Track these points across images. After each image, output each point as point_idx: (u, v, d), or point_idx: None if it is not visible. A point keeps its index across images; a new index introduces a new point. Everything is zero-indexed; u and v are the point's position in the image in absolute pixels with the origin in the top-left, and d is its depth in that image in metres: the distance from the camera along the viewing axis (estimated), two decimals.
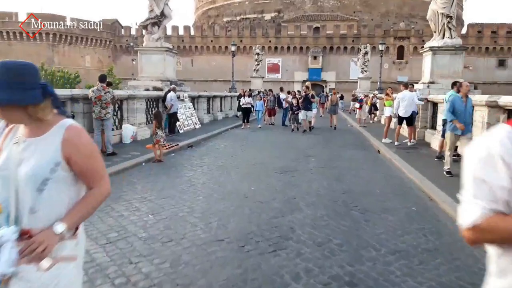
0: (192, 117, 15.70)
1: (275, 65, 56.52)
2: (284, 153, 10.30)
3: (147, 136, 12.45)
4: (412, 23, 58.60)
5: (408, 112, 11.75)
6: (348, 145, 12.18)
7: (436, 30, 13.54)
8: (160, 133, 8.97)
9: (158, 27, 15.00)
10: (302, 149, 11.04)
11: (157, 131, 8.87)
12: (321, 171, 7.93)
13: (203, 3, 74.99)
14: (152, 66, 14.96)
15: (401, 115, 11.77)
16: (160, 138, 8.89)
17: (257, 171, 7.81)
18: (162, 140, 9.07)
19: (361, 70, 38.36)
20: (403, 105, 11.62)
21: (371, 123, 20.19)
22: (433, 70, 13.48)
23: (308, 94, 15.29)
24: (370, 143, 12.99)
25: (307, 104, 15.21)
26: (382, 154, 10.78)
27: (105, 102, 8.42)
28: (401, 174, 7.98)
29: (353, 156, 10.11)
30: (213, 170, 7.89)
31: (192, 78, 58.61)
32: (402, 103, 11.66)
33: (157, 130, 8.88)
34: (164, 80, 14.83)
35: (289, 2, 64.00)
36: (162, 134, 9.12)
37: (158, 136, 8.89)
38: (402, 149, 11.05)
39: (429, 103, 12.96)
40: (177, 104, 13.55)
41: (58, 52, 57.51)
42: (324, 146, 11.66)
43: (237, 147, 11.49)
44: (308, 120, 15.59)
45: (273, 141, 12.81)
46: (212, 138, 13.85)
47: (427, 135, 12.79)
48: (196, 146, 11.96)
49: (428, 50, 13.48)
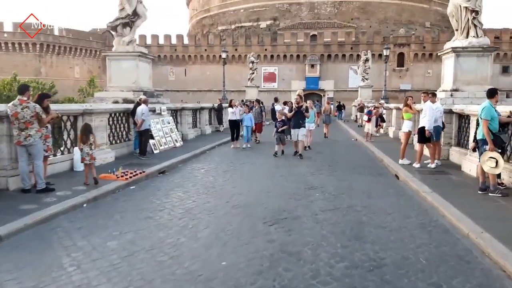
0: (171, 134, 13.38)
1: (271, 74, 54.50)
2: (279, 184, 7.96)
3: (110, 160, 10.12)
4: (411, 30, 56.89)
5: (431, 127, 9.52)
6: (358, 169, 9.86)
7: (458, 27, 11.37)
8: (87, 150, 7.54)
9: (130, 28, 12.77)
10: (302, 176, 8.70)
11: (82, 147, 7.59)
12: (330, 219, 5.54)
13: (197, 12, 73.40)
14: (123, 74, 12.69)
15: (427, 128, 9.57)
16: (86, 155, 7.53)
17: (238, 221, 5.41)
18: (88, 158, 7.54)
19: (362, 78, 36.23)
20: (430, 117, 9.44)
21: (377, 136, 17.92)
22: (456, 75, 11.26)
23: (301, 106, 11.49)
24: (383, 165, 10.68)
25: (299, 119, 11.43)
26: (403, 181, 8.46)
27: (24, 121, 6.08)
28: (442, 220, 5.65)
29: (368, 186, 7.77)
30: (174, 220, 5.50)
31: (185, 88, 56.54)
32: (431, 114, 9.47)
33: (83, 146, 7.57)
34: (137, 91, 12.55)
35: (285, 9, 62.39)
36: (89, 151, 7.54)
37: (84, 154, 7.55)
38: (427, 174, 8.75)
39: (453, 115, 10.71)
40: (150, 119, 11.25)
41: (46, 63, 55.34)
42: (329, 172, 9.30)
43: (219, 174, 9.14)
44: (300, 140, 11.60)
45: (265, 165, 10.40)
46: (193, 159, 11.52)
47: (453, 154, 10.50)
48: (171, 171, 9.64)
49: (450, 52, 11.28)
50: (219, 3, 68.14)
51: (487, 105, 6.77)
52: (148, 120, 10.87)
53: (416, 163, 9.69)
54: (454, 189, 7.32)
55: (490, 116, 6.65)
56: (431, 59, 51.35)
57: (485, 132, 6.67)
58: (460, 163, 9.66)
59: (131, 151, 11.54)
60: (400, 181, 8.62)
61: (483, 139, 6.81)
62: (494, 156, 6.52)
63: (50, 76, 54.62)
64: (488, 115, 6.64)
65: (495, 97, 6.82)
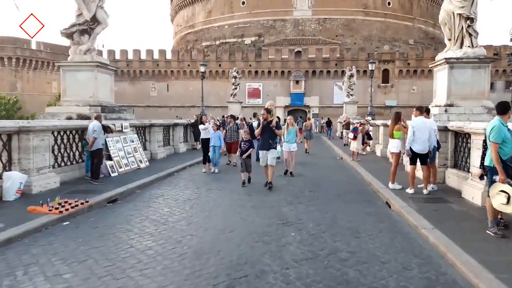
0: (135, 154, 11.88)
1: (255, 90, 53.61)
2: (247, 218, 6.50)
3: (54, 185, 8.56)
4: (395, 47, 57.04)
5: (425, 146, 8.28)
6: (343, 195, 8.50)
7: (451, 37, 10.33)
8: None
9: (88, 36, 11.37)
10: (276, 207, 7.27)
11: None
12: (306, 275, 4.08)
13: (182, 27, 72.71)
14: (79, 86, 11.21)
15: (416, 150, 8.27)
16: None
17: (179, 284, 3.97)
18: None
19: (347, 94, 35.41)
20: (420, 136, 8.16)
21: (364, 154, 16.72)
22: (450, 89, 10.16)
23: (270, 121, 9.02)
24: (372, 189, 9.37)
25: (267, 138, 9.06)
26: (396, 211, 7.13)
27: None
28: (453, 273, 4.30)
29: (356, 220, 6.41)
30: (92, 282, 4.02)
31: (168, 104, 55.10)
32: (418, 133, 8.19)
33: None
34: (95, 105, 11.06)
35: (269, 26, 62.14)
36: None
37: None
38: (423, 202, 7.46)
39: (449, 133, 9.54)
40: (103, 138, 9.77)
41: (22, 77, 53.34)
42: (309, 200, 7.90)
43: (178, 204, 7.63)
44: (270, 165, 9.08)
45: (236, 192, 8.78)
46: (156, 183, 10.02)
47: (449, 176, 9.28)
48: (124, 199, 8.13)
49: (443, 63, 10.19)
50: (203, 19, 67.63)
51: (496, 123, 5.41)
52: (101, 138, 9.38)
53: (410, 189, 8.41)
54: (458, 224, 6.01)
55: (501, 137, 5.30)
56: (416, 75, 51.32)
57: (494, 159, 5.28)
58: (459, 188, 8.42)
59: (84, 175, 9.99)
60: (392, 210, 7.30)
61: (491, 166, 5.43)
62: (505, 189, 5.17)
63: (26, 91, 52.59)
64: (498, 137, 5.28)
65: (507, 113, 5.53)
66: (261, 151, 9.27)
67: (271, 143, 9.12)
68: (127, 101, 55.81)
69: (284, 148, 11.34)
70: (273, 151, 9.15)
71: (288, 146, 11.17)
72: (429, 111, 9.46)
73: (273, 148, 9.14)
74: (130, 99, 55.86)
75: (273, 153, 9.11)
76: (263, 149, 9.17)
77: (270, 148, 9.09)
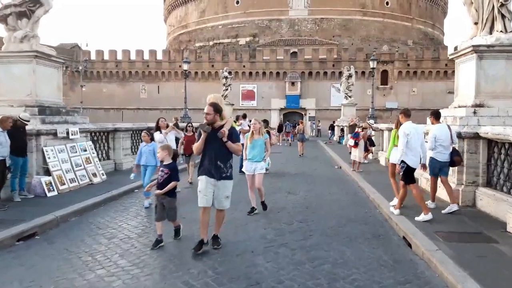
0: (88, 166, 9.64)
1: (249, 91, 51.44)
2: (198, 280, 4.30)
3: None
4: (394, 48, 55.10)
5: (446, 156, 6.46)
6: (344, 227, 6.26)
7: (479, 20, 8.20)
8: None
9: (27, 19, 9.16)
10: (248, 254, 5.05)
11: None
12: None
13: (175, 28, 70.63)
14: (14, 82, 8.97)
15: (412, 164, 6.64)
16: None
17: None
18: None
19: (345, 95, 33.31)
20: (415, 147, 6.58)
21: (366, 163, 14.56)
22: (479, 85, 8.01)
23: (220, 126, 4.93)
24: (382, 215, 7.17)
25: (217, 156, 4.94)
26: (425, 260, 4.92)
27: None
28: None
29: (368, 279, 4.20)
30: None
31: (158, 107, 52.72)
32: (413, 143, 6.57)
33: None
34: (33, 106, 8.82)
35: (264, 26, 60.16)
36: None
37: None
38: (457, 241, 5.28)
39: (480, 141, 7.39)
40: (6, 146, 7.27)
41: None
42: (299, 238, 5.63)
43: (109, 248, 5.40)
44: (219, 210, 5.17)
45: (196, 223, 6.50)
46: (104, 205, 7.79)
47: (482, 198, 7.11)
48: (49, 232, 5.95)
49: (470, 52, 8.03)
50: (196, 19, 65.60)
51: None
52: (4, 147, 7.00)
53: (425, 214, 6.30)
54: None
55: None
56: (416, 76, 49.34)
57: None
58: (496, 215, 6.34)
59: (9, 196, 7.72)
60: (415, 254, 5.11)
61: None
62: None
63: None
64: None
65: None
66: (205, 177, 4.91)
67: (220, 166, 4.89)
68: (116, 103, 53.56)
69: (246, 170, 7.22)
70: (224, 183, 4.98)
71: (252, 166, 7.09)
72: (439, 114, 7.53)
73: (225, 177, 4.96)
74: (119, 101, 53.64)
75: (224, 185, 4.99)
76: (206, 174, 4.92)
77: (221, 178, 4.91)
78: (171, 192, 5.30)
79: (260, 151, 7.19)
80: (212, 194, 4.91)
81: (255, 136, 7.22)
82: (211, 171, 4.90)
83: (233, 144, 4.91)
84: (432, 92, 47.70)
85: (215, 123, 4.90)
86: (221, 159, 4.93)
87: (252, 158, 7.14)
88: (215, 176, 4.91)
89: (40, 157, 8.46)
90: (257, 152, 7.14)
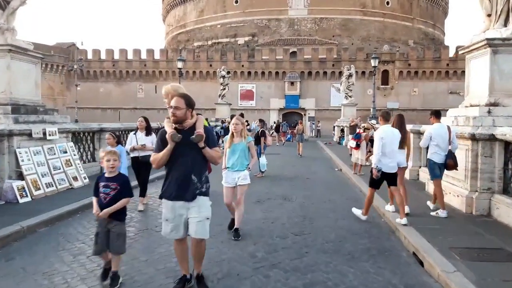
0: (68, 169, 8.91)
1: (248, 91, 50.71)
2: None
3: None
4: (394, 48, 54.40)
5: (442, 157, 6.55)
6: (347, 240, 5.56)
7: (492, 11, 7.49)
8: None
9: (2, 11, 8.45)
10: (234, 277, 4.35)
11: None
12: None
13: (173, 27, 69.95)
14: None
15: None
16: None
17: None
18: None
19: (345, 95, 32.59)
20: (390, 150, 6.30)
21: (367, 165, 13.81)
22: (493, 83, 7.30)
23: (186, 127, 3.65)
24: (387, 226, 6.46)
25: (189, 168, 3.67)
26: (441, 283, 4.21)
27: None
28: None
29: None
30: None
31: (155, 106, 51.93)
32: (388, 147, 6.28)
33: None
34: (5, 104, 8.09)
35: (263, 25, 59.46)
36: None
37: None
38: (475, 260, 4.57)
39: (496, 143, 6.69)
40: None
41: None
42: (293, 257, 4.87)
43: (77, 262, 4.72)
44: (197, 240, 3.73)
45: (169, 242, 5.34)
46: (80, 213, 7.08)
47: (500, 207, 6.39)
48: (12, 245, 5.23)
49: (484, 46, 7.32)
50: (195, 19, 64.91)
51: None
52: None
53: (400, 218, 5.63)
54: None
55: None
56: (417, 76, 48.63)
57: None
58: None
59: None
60: (428, 274, 4.39)
61: None
62: None
63: None
64: None
65: None
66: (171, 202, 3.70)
67: (194, 181, 3.66)
68: (113, 103, 52.87)
69: (225, 182, 5.75)
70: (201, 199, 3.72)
71: (232, 176, 5.70)
72: (439, 114, 7.06)
73: (203, 195, 3.72)
74: (116, 101, 52.93)
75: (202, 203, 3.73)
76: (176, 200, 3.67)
77: (195, 195, 3.66)
78: (120, 213, 3.95)
79: (242, 157, 5.66)
80: (185, 220, 3.65)
81: (235, 139, 5.69)
82: (179, 190, 3.62)
83: (210, 150, 3.66)
84: (433, 92, 47.05)
85: (185, 122, 3.61)
86: (196, 171, 3.65)
87: (231, 167, 5.65)
88: (186, 196, 3.62)
89: (13, 160, 7.74)
90: (237, 159, 5.64)
